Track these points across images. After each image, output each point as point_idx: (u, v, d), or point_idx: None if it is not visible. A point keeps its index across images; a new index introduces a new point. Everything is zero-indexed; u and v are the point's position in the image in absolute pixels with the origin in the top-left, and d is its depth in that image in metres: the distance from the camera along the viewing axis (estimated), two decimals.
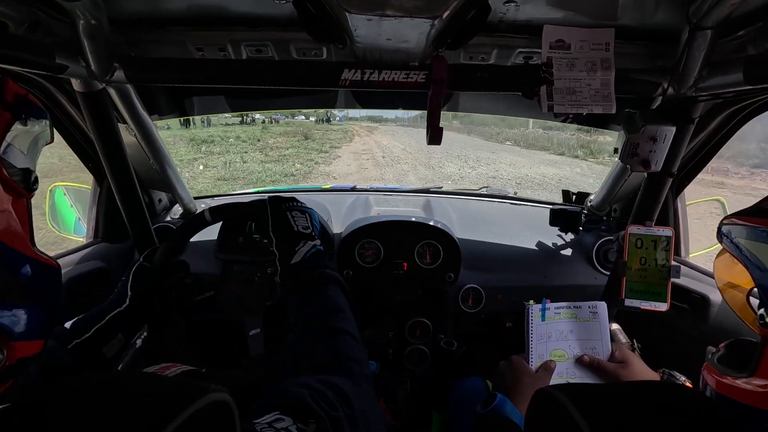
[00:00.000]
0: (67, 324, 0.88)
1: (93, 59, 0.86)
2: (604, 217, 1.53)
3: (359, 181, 1.92)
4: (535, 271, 1.48)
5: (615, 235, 1.43)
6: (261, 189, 2.18)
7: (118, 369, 1.04)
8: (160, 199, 1.60)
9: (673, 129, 1.00)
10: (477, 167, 13.49)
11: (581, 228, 1.52)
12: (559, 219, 1.51)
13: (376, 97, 1.49)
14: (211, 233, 1.30)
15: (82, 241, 1.46)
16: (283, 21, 0.92)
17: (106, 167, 1.11)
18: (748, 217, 0.47)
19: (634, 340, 1.21)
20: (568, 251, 1.53)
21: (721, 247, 0.53)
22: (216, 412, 0.37)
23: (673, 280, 1.02)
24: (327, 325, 0.75)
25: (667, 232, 1.03)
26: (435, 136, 0.89)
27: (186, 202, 1.55)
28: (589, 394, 0.46)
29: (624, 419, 0.42)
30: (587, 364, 0.96)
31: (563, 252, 1.53)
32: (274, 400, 0.54)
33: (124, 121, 1.20)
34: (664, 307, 1.02)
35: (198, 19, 0.92)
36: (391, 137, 25.65)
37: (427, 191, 2.01)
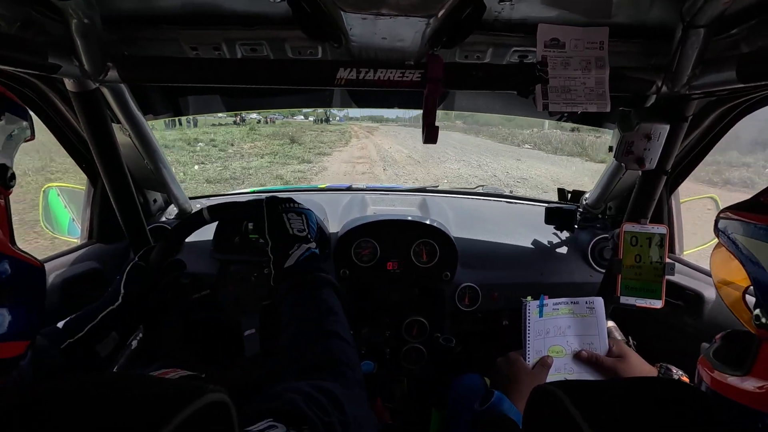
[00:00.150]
0: (60, 324, 0.87)
1: (86, 58, 0.85)
2: (600, 215, 1.54)
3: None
4: (531, 268, 1.48)
5: (610, 232, 1.44)
6: (257, 189, 2.18)
7: (114, 370, 1.04)
8: (155, 200, 1.59)
9: (667, 127, 1.01)
10: (514, 185, 10.17)
11: (577, 226, 1.53)
12: (554, 217, 1.51)
13: (372, 95, 1.49)
14: (207, 233, 1.30)
15: (76, 242, 1.45)
16: (278, 20, 0.91)
17: (100, 167, 1.11)
18: (745, 213, 0.44)
19: (630, 337, 1.22)
20: (564, 249, 1.54)
21: (717, 242, 0.51)
22: (214, 413, 0.36)
23: (667, 277, 1.02)
24: (319, 329, 0.75)
25: (661, 229, 1.04)
26: (431, 134, 0.89)
27: (181, 202, 1.54)
28: (586, 391, 0.46)
29: (622, 415, 0.42)
30: (585, 359, 0.96)
31: (559, 250, 1.54)
32: (266, 405, 0.54)
33: (118, 121, 1.19)
34: (658, 304, 1.03)
35: (192, 18, 0.92)
36: (392, 139, 23.44)
37: (423, 190, 2.01)
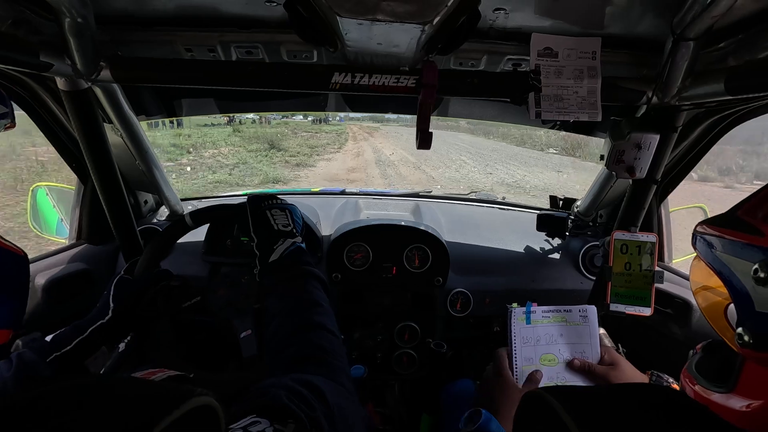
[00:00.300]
0: (48, 337, 0.86)
1: (79, 58, 0.84)
2: (591, 223, 1.55)
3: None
4: (522, 275, 1.49)
5: (601, 240, 1.45)
6: (249, 191, 2.17)
7: (100, 373, 1.02)
8: (146, 201, 1.58)
9: (657, 137, 1.02)
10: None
11: (568, 233, 1.54)
12: (545, 224, 1.52)
13: (367, 100, 1.49)
14: (198, 235, 1.29)
15: (64, 242, 1.43)
16: (274, 23, 0.91)
17: (91, 167, 1.10)
18: (721, 228, 0.43)
19: (620, 344, 1.23)
20: (556, 256, 1.55)
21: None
22: (201, 417, 0.36)
23: (656, 285, 1.03)
24: (304, 320, 0.75)
25: (651, 237, 1.05)
26: (424, 140, 0.89)
27: (172, 203, 1.53)
28: (578, 396, 0.46)
29: (613, 421, 0.42)
30: (578, 368, 0.96)
31: (550, 256, 1.55)
32: (250, 402, 0.53)
33: (110, 121, 1.18)
34: (648, 311, 1.04)
35: (187, 20, 0.91)
36: (395, 142, 19.98)
37: (416, 195, 2.02)
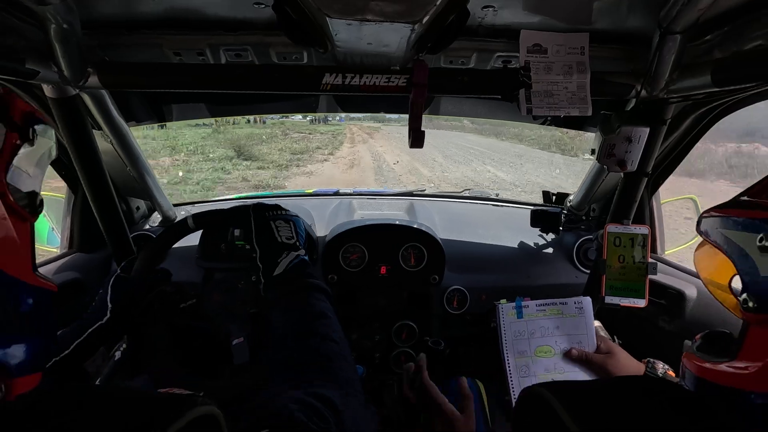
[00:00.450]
0: None
1: (65, 64, 0.83)
2: (584, 217, 1.56)
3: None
4: (518, 271, 1.49)
5: (594, 234, 1.46)
6: (242, 195, 2.15)
7: (97, 382, 1.01)
8: (138, 207, 1.56)
9: (647, 130, 1.03)
10: None
11: (561, 228, 1.55)
12: (539, 220, 1.53)
13: (358, 101, 1.49)
14: (192, 240, 1.28)
15: (56, 251, 1.41)
16: (262, 25, 0.91)
17: (81, 175, 1.08)
18: (726, 209, 0.49)
19: (615, 336, 1.24)
20: (550, 251, 1.56)
21: (700, 240, 0.55)
22: (204, 426, 0.36)
23: (650, 276, 1.05)
24: (312, 333, 0.75)
25: (643, 230, 1.06)
26: (417, 138, 0.89)
27: (165, 209, 1.52)
28: (573, 391, 0.47)
29: (609, 413, 0.43)
30: (575, 357, 0.97)
31: (545, 251, 1.56)
32: (262, 417, 0.53)
33: (99, 128, 1.17)
34: (642, 303, 1.05)
35: (175, 23, 0.90)
36: (398, 145, 17.44)
37: (410, 194, 2.02)
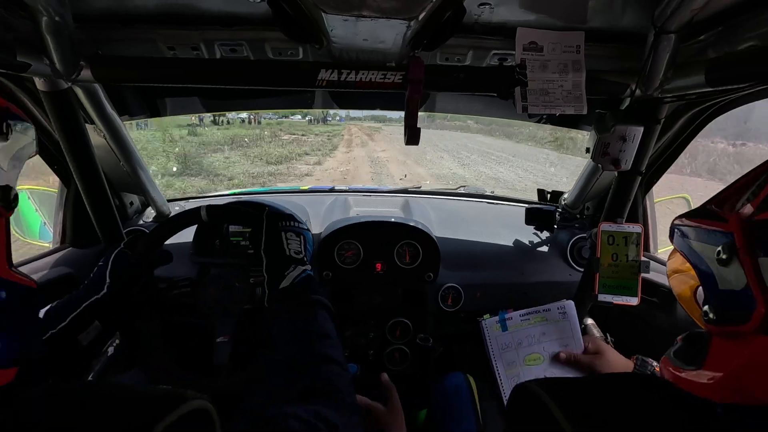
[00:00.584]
0: (41, 312, 0.84)
1: (57, 57, 0.82)
2: (578, 215, 1.57)
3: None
4: (512, 268, 1.50)
5: (588, 232, 1.47)
6: (238, 191, 2.15)
7: (90, 377, 1.01)
8: (131, 202, 1.55)
9: (641, 129, 1.04)
10: None
11: (556, 226, 1.56)
12: (534, 217, 1.54)
13: (354, 97, 1.48)
14: (186, 236, 1.27)
15: (48, 246, 1.40)
16: (258, 20, 0.90)
17: (73, 169, 1.07)
18: (693, 218, 0.48)
19: (608, 334, 1.25)
20: (544, 248, 1.56)
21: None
22: (196, 420, 0.36)
23: (643, 275, 1.05)
24: (315, 352, 0.74)
25: (636, 228, 1.06)
26: (413, 135, 0.89)
27: (159, 204, 1.51)
28: (564, 386, 0.48)
29: (599, 407, 0.43)
30: (564, 360, 0.99)
31: (539, 249, 1.56)
32: (264, 429, 0.53)
33: (92, 122, 1.16)
34: (635, 301, 1.06)
35: (169, 17, 0.90)
36: (401, 151, 15.65)
37: (405, 191, 2.02)
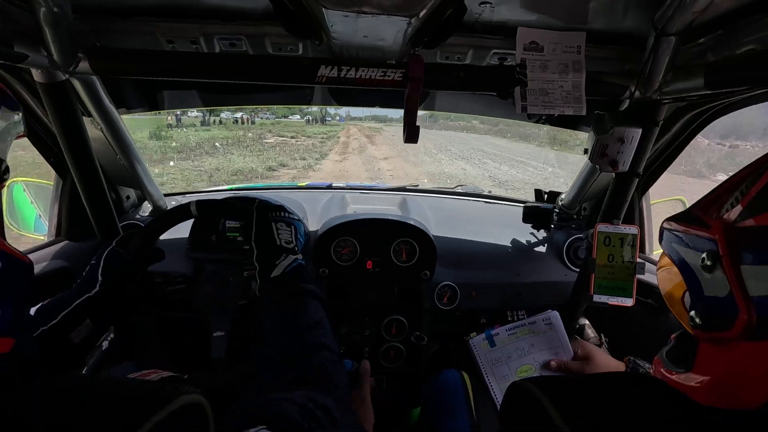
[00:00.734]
0: (32, 310, 0.84)
1: (55, 49, 0.82)
2: (575, 216, 1.58)
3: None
4: (508, 268, 1.50)
5: (585, 232, 1.48)
6: (234, 186, 2.14)
7: (84, 371, 1.00)
8: (128, 196, 1.55)
9: (640, 130, 1.04)
10: None
11: (553, 226, 1.56)
12: (531, 217, 1.54)
13: (353, 94, 1.48)
14: (182, 231, 1.27)
15: (43, 239, 1.39)
16: (258, 15, 0.90)
17: (70, 162, 1.07)
18: (679, 223, 0.49)
19: (602, 334, 1.26)
20: (541, 248, 1.57)
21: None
22: (189, 414, 0.36)
23: (638, 276, 1.06)
24: (308, 341, 0.75)
25: (633, 230, 1.07)
26: (411, 134, 0.89)
27: (156, 198, 1.50)
28: (558, 384, 0.48)
29: (593, 404, 0.44)
30: (555, 368, 1.01)
31: (536, 249, 1.57)
32: (257, 413, 0.53)
33: (89, 114, 1.15)
34: (630, 302, 1.06)
35: (169, 10, 0.89)
36: (407, 159, 14.55)
37: (403, 189, 2.02)
